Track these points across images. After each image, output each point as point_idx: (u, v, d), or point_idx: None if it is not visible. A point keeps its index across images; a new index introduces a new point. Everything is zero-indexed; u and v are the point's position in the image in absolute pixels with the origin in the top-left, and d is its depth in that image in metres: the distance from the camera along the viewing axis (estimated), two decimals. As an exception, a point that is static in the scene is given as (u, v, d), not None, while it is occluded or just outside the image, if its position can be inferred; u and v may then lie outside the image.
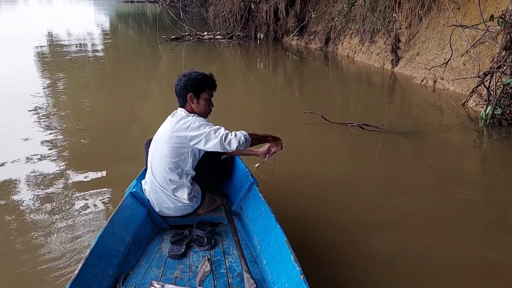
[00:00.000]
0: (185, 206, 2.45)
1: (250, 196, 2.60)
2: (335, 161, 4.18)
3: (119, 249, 2.11)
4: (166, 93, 7.00)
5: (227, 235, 2.46)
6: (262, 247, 2.22)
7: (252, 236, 2.37)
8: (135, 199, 2.45)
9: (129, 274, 2.07)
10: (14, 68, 8.70)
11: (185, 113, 2.38)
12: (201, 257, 2.24)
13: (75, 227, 2.86)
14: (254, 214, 2.46)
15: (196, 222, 2.50)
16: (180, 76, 2.46)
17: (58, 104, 6.07)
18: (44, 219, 2.99)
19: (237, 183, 2.81)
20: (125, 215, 2.30)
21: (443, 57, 7.14)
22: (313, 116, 5.02)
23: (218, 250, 2.32)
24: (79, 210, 3.11)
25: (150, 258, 2.23)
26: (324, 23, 11.46)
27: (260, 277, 2.07)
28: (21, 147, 4.33)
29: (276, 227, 2.14)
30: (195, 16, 16.81)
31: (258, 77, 8.88)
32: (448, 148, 4.54)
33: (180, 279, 2.05)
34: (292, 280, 1.80)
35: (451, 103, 5.82)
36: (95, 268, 1.89)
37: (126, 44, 13.88)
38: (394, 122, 5.21)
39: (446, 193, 3.50)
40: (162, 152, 2.36)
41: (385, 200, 3.37)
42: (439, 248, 2.71)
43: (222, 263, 2.19)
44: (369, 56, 9.30)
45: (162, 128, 2.45)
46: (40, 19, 24.84)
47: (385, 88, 7.43)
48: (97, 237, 2.01)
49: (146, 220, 2.43)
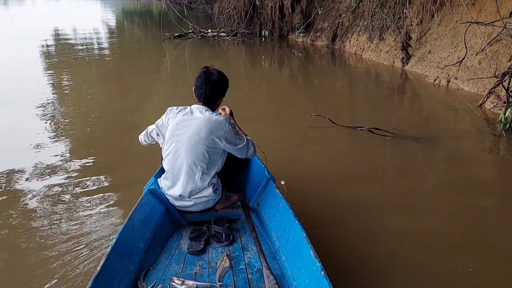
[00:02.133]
0: (208, 199, 2.43)
1: (267, 192, 2.59)
2: (343, 166, 3.88)
3: (139, 245, 2.12)
4: (169, 91, 6.80)
5: (245, 231, 2.46)
6: (280, 242, 2.21)
7: (270, 232, 2.37)
8: (154, 196, 2.44)
9: (150, 271, 2.06)
10: (20, 65, 8.59)
11: (209, 112, 2.39)
12: (220, 253, 2.24)
13: (87, 225, 2.86)
14: (272, 210, 2.46)
15: (214, 218, 2.49)
16: (214, 73, 2.40)
17: (64, 101, 5.96)
18: (57, 218, 2.95)
19: (254, 180, 2.79)
20: (144, 212, 2.29)
21: (457, 55, 6.80)
22: (320, 118, 4.72)
23: (237, 246, 2.31)
24: (93, 208, 3.09)
25: (169, 254, 2.23)
26: (331, 20, 11.11)
27: (279, 273, 2.05)
28: (27, 145, 4.24)
29: (294, 223, 2.12)
30: (200, 13, 16.61)
31: (263, 76, 8.58)
32: (463, 154, 4.22)
33: (200, 275, 2.05)
34: (313, 276, 1.77)
35: (467, 105, 5.48)
36: (117, 265, 1.89)
37: (131, 42, 13.71)
38: (406, 125, 4.88)
39: (461, 202, 3.23)
40: (196, 151, 2.32)
41: (396, 207, 3.14)
42: (453, 261, 2.53)
43: (241, 259, 2.18)
44: (378, 54, 8.96)
45: (188, 126, 2.34)
46: (47, 17, 25.09)
47: (395, 88, 7.10)
48: (118, 234, 2.01)
49: (165, 217, 2.43)
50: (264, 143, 3.05)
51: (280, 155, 3.80)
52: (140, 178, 2.86)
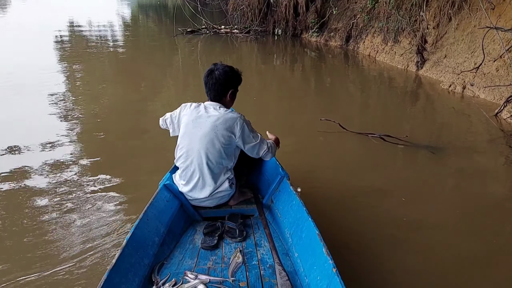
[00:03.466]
0: (224, 194, 2.48)
1: (281, 189, 2.60)
2: (353, 174, 3.79)
3: (154, 239, 2.14)
4: (180, 87, 6.78)
5: (258, 228, 2.48)
6: (293, 239, 2.22)
7: (283, 229, 2.38)
8: (169, 191, 2.47)
9: (164, 264, 2.09)
10: (34, 57, 8.64)
11: (224, 108, 2.40)
12: (233, 248, 2.26)
13: (101, 220, 2.88)
14: (285, 207, 2.46)
15: (227, 214, 2.51)
16: (218, 68, 2.38)
17: (76, 94, 5.98)
18: (70, 214, 2.99)
19: (268, 176, 2.80)
20: (159, 206, 2.32)
21: (474, 61, 6.63)
22: (329, 123, 4.62)
23: (250, 242, 2.33)
24: (107, 201, 3.13)
25: (183, 249, 2.26)
26: (346, 20, 10.96)
27: (292, 270, 2.06)
28: (38, 138, 4.28)
29: (307, 220, 2.13)
30: (214, 9, 16.54)
31: (274, 74, 8.47)
32: (477, 167, 4.07)
33: (213, 270, 2.08)
34: (325, 273, 1.78)
35: (482, 113, 5.33)
36: (132, 258, 1.92)
37: (145, 36, 13.74)
38: (418, 133, 4.75)
39: (474, 220, 3.11)
40: (212, 148, 2.34)
41: (406, 216, 3.04)
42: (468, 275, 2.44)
43: (254, 255, 2.20)
44: (392, 57, 8.80)
45: (203, 123, 2.36)
46: (64, 8, 25.36)
47: (408, 93, 6.94)
48: (133, 227, 2.03)
49: (179, 212, 2.46)
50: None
51: (288, 161, 3.72)
52: (153, 174, 2.91)
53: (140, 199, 2.71)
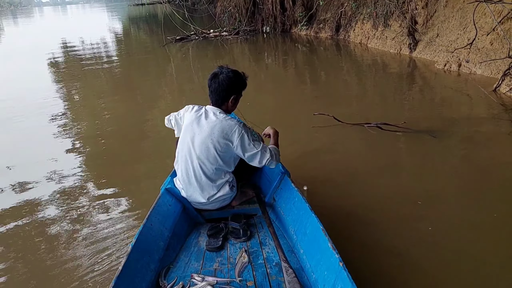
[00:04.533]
0: (225, 197, 2.46)
1: (282, 186, 2.59)
2: (353, 167, 3.66)
3: (159, 244, 2.15)
4: (175, 96, 6.71)
5: (262, 226, 2.48)
6: (298, 236, 2.21)
7: (287, 226, 2.37)
8: (171, 195, 2.48)
9: (170, 268, 2.10)
10: (30, 77, 8.73)
11: (223, 115, 2.35)
12: (238, 248, 2.26)
13: (106, 229, 2.87)
14: (288, 204, 2.46)
15: (230, 215, 2.51)
16: (223, 72, 2.34)
17: (74, 111, 5.93)
18: (75, 224, 2.99)
19: (269, 175, 2.79)
20: (162, 211, 2.32)
21: (467, 37, 6.49)
22: (324, 117, 4.51)
23: (255, 241, 2.33)
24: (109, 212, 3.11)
25: (189, 252, 2.26)
26: (334, 10, 10.83)
27: (298, 266, 2.07)
28: (40, 155, 4.29)
29: (311, 216, 2.13)
30: (203, 14, 16.47)
31: (267, 74, 8.35)
32: (481, 145, 3.94)
33: (220, 271, 2.09)
34: (332, 268, 1.78)
35: (480, 89, 5.20)
36: (138, 263, 1.92)
37: (138, 48, 13.71)
38: (417, 117, 4.62)
39: (484, 197, 3.00)
40: (207, 154, 2.32)
41: (412, 209, 2.91)
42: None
43: (259, 254, 2.20)
44: (384, 42, 8.67)
45: (201, 128, 2.34)
46: (55, 28, 25.60)
47: (403, 77, 6.80)
48: (138, 233, 2.03)
49: (182, 215, 2.47)
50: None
51: (286, 162, 3.61)
52: (156, 178, 2.88)
53: (145, 204, 2.71)
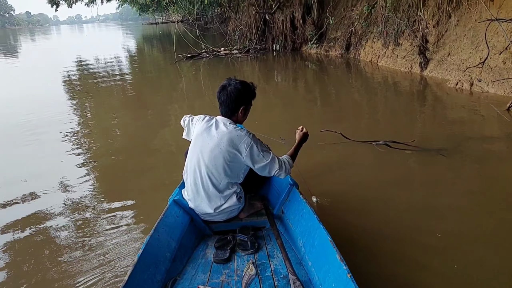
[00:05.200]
0: (233, 208, 2.44)
1: (291, 198, 2.57)
2: (362, 183, 3.55)
3: (166, 255, 2.13)
4: (185, 112, 6.68)
5: (270, 239, 2.45)
6: (306, 248, 2.19)
7: (295, 238, 2.35)
8: (178, 206, 2.46)
9: (177, 280, 2.07)
10: (45, 93, 8.83)
11: (233, 125, 2.35)
12: (245, 261, 2.23)
13: (113, 240, 2.86)
14: (296, 216, 2.43)
15: (238, 227, 2.48)
16: (231, 84, 2.35)
17: (87, 128, 5.93)
18: (82, 236, 2.97)
19: (277, 186, 2.78)
20: (169, 222, 2.31)
21: (479, 56, 6.39)
22: (332, 134, 4.42)
23: (262, 253, 2.30)
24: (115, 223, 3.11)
25: (196, 263, 2.24)
26: (344, 29, 10.85)
27: (306, 279, 2.03)
28: (51, 168, 4.31)
29: (319, 227, 2.10)
30: (215, 32, 16.72)
31: (276, 90, 8.30)
32: (493, 166, 3.81)
33: (227, 283, 2.06)
34: (339, 280, 1.75)
35: (493, 109, 5.07)
36: (144, 274, 1.89)
37: (150, 65, 13.95)
38: (427, 136, 4.51)
39: (494, 218, 2.87)
40: (216, 164, 2.31)
41: (423, 224, 2.80)
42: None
43: (267, 266, 2.17)
44: (395, 60, 8.61)
45: (210, 138, 2.34)
46: (71, 45, 26.22)
47: (414, 95, 6.70)
48: (144, 244, 2.01)
49: (190, 227, 2.45)
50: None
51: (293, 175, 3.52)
52: (161, 195, 2.84)
53: (152, 216, 2.66)
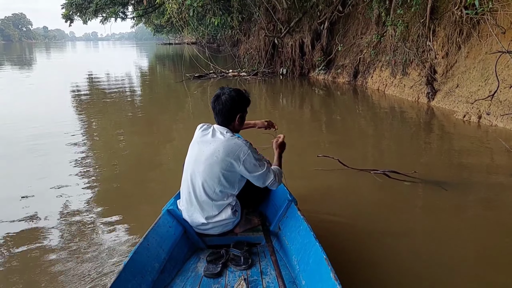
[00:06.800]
0: (227, 222, 2.39)
1: (289, 215, 2.52)
2: (357, 215, 3.31)
3: (154, 265, 2.06)
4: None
5: (265, 255, 2.38)
6: (300, 266, 2.13)
7: (290, 256, 2.28)
8: (172, 216, 2.40)
9: None
10: (56, 107, 8.80)
11: (230, 134, 2.32)
12: (237, 276, 2.17)
13: (103, 250, 2.82)
14: (293, 233, 2.37)
15: (233, 242, 2.41)
16: (224, 93, 2.32)
17: (93, 144, 5.84)
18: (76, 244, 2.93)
19: (275, 202, 2.73)
20: (161, 232, 2.25)
21: (488, 88, 6.20)
22: (329, 160, 4.21)
23: (255, 270, 2.24)
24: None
25: (185, 277, 2.18)
26: (352, 56, 10.79)
27: None
28: (54, 182, 4.18)
29: (315, 245, 2.05)
30: (227, 54, 16.92)
31: (282, 115, 8.13)
32: (498, 203, 3.56)
33: None
34: None
35: (501, 143, 4.83)
36: (128, 283, 1.83)
37: (160, 84, 14.14)
38: (430, 168, 4.29)
39: (496, 261, 2.60)
40: (211, 173, 2.27)
41: (424, 256, 2.53)
42: None
43: (259, 283, 2.11)
44: (402, 90, 8.45)
45: (206, 146, 2.31)
46: (85, 61, 26.73)
47: (420, 125, 6.49)
48: (132, 252, 1.96)
49: (183, 239, 2.39)
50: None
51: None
52: (159, 208, 2.70)
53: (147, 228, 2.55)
